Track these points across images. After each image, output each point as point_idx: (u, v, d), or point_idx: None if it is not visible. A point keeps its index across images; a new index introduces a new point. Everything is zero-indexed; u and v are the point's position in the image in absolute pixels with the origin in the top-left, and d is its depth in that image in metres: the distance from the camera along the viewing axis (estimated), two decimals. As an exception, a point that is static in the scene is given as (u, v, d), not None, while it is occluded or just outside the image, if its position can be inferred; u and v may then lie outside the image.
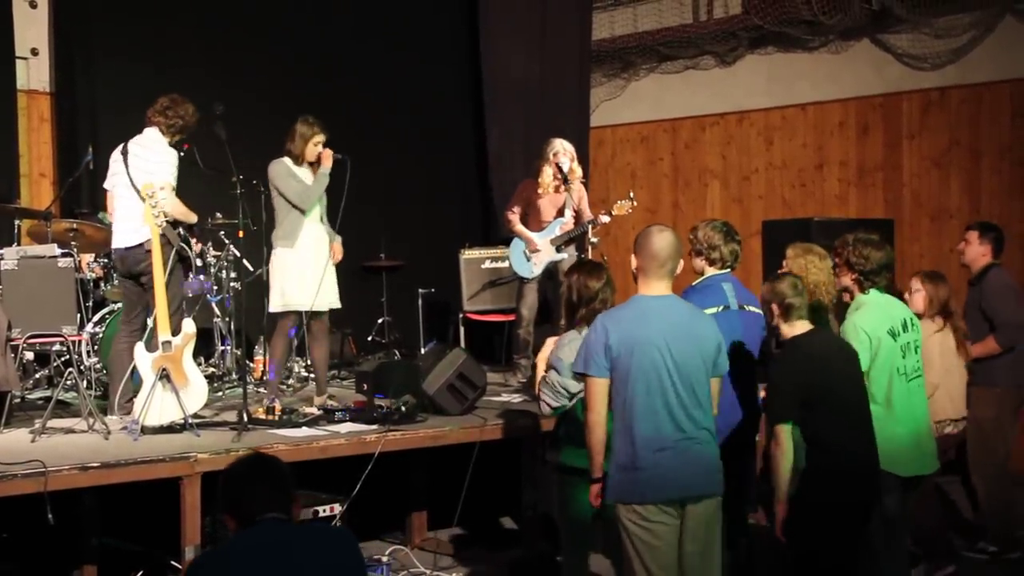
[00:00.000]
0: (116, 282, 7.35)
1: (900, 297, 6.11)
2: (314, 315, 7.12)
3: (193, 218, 6.69)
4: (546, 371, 5.21)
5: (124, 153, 6.56)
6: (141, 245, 6.44)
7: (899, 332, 5.16)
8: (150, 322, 6.46)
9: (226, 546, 3.77)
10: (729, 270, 5.63)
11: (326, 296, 7.03)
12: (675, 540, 4.45)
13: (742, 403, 5.38)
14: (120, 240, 6.60)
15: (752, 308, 5.59)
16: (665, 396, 4.41)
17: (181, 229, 6.58)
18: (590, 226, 7.64)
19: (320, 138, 6.97)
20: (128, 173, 6.50)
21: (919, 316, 5.92)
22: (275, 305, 7.00)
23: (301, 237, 6.93)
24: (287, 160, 6.97)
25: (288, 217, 6.95)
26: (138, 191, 6.36)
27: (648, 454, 4.39)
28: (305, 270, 6.93)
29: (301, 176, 6.97)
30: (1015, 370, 6.68)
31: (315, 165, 7.00)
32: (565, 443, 5.21)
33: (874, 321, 5.12)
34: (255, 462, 3.69)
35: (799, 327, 4.95)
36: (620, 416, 4.47)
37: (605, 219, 7.68)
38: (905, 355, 5.17)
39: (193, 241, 6.96)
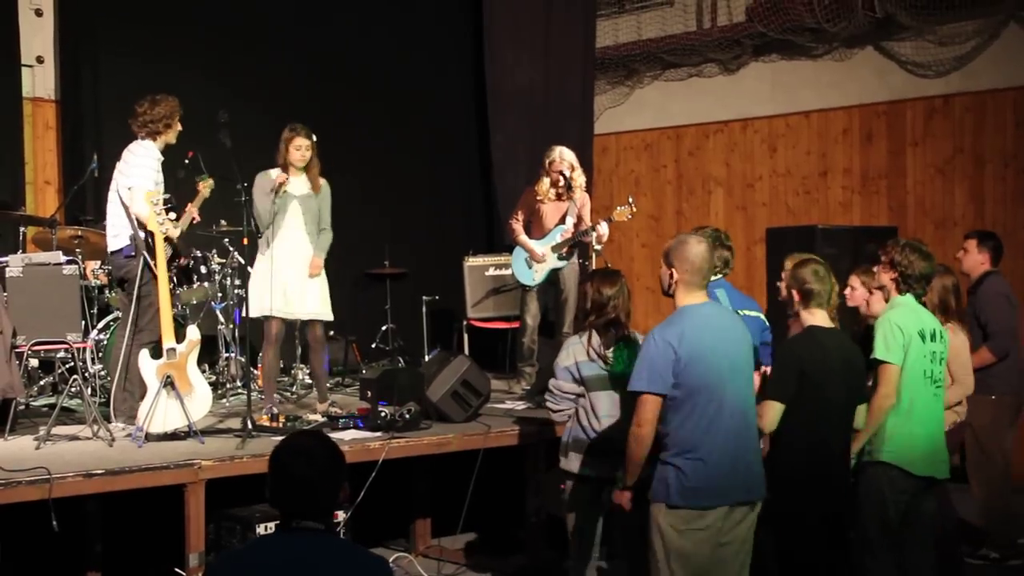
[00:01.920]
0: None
1: None
2: (306, 325, 7.15)
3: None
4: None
5: (103, 161, 6.66)
6: (120, 251, 6.53)
7: (927, 338, 5.16)
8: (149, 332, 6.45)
9: (242, 550, 3.66)
10: (722, 276, 5.64)
11: (307, 305, 7.00)
12: (708, 550, 4.46)
13: None
14: (108, 244, 6.68)
15: (749, 312, 5.59)
16: (722, 402, 4.42)
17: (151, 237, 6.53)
18: (592, 233, 7.59)
19: (300, 141, 6.94)
20: (116, 179, 6.59)
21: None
22: (251, 310, 7.05)
23: (275, 245, 6.95)
24: (271, 172, 6.96)
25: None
26: (120, 198, 6.48)
27: (704, 457, 4.40)
28: (275, 277, 6.89)
29: (290, 185, 6.95)
30: (1010, 378, 6.68)
31: (305, 171, 7.00)
32: (571, 448, 5.22)
33: (907, 319, 5.13)
34: (294, 451, 3.28)
35: (819, 316, 4.93)
36: (684, 424, 4.43)
37: (604, 227, 7.58)
38: (932, 361, 5.17)
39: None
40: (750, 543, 4.60)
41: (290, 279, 6.93)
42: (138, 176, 6.45)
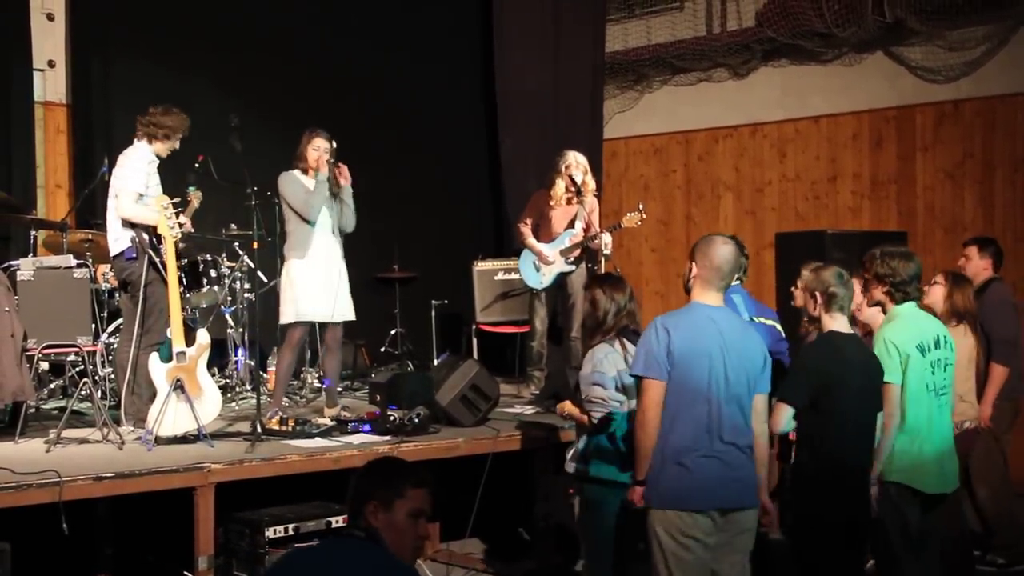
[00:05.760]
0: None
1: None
2: (328, 327, 7.14)
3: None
4: (587, 388, 5.20)
5: (113, 166, 6.71)
6: (122, 254, 6.58)
7: (929, 348, 5.10)
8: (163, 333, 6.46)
9: (301, 550, 3.92)
10: (739, 283, 5.65)
11: (341, 308, 7.04)
12: (705, 554, 4.44)
13: None
14: (110, 248, 6.73)
15: (764, 320, 5.59)
16: (713, 405, 4.40)
17: (154, 238, 6.55)
18: (604, 237, 7.57)
19: (319, 143, 6.97)
20: (112, 183, 6.65)
21: (935, 313, 5.89)
22: (287, 316, 6.98)
23: (312, 248, 6.93)
24: (295, 171, 7.01)
25: (298, 228, 6.96)
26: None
27: (691, 462, 4.39)
28: (318, 281, 6.92)
29: (309, 186, 6.98)
30: (1007, 385, 6.65)
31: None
32: (592, 454, 5.21)
33: (903, 335, 5.06)
34: (370, 467, 3.57)
35: (840, 322, 4.90)
36: (673, 426, 4.43)
37: (606, 237, 7.58)
38: (935, 371, 5.12)
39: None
40: (746, 556, 4.58)
41: (325, 283, 6.95)
42: (126, 179, 6.53)
